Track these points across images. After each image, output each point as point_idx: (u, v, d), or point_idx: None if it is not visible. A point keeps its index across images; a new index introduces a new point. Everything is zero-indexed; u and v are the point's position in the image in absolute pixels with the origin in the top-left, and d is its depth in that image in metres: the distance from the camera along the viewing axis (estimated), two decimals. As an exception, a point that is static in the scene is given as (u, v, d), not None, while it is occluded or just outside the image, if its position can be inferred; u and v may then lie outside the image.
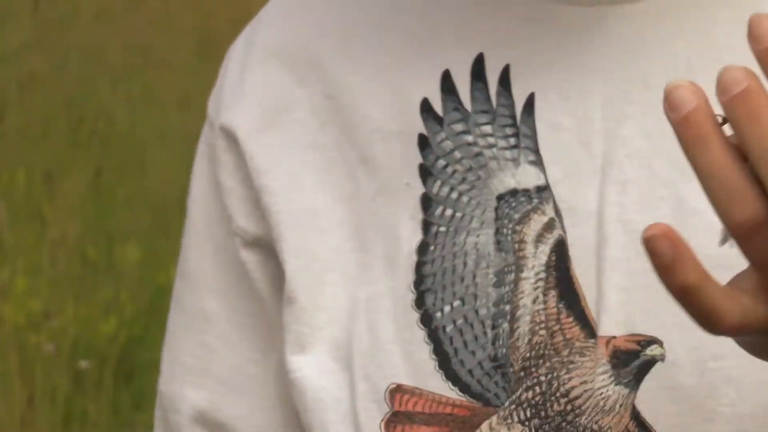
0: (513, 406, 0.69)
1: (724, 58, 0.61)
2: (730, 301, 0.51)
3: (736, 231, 0.51)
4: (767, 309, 0.52)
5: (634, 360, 0.67)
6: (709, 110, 0.49)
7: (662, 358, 0.66)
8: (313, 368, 0.71)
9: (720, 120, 0.50)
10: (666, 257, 0.49)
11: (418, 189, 0.70)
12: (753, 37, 0.49)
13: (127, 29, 6.49)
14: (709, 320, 0.50)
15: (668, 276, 0.50)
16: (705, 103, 0.49)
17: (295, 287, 0.71)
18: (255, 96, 0.74)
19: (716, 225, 0.61)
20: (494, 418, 0.69)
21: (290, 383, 0.71)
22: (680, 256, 0.50)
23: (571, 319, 0.68)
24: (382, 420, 0.69)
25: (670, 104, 0.50)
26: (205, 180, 0.76)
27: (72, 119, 5.44)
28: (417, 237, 0.69)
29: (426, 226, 0.69)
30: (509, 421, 0.69)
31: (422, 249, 0.69)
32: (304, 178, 0.73)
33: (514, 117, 0.70)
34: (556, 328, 0.68)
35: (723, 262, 0.62)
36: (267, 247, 0.73)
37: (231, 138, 0.73)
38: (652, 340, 0.66)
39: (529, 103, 0.69)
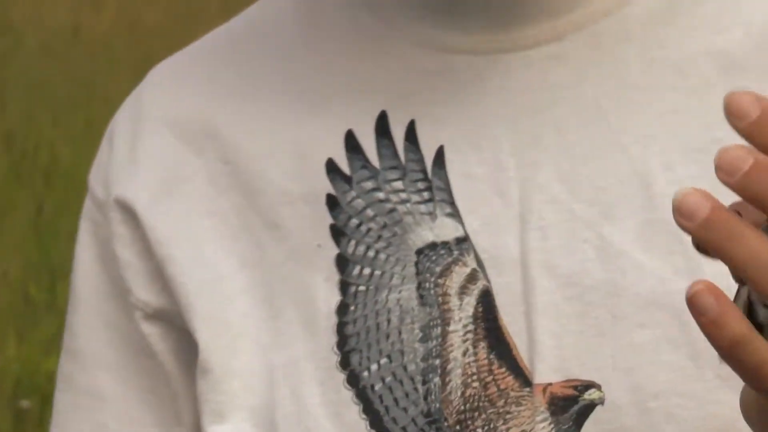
0: None
1: (635, 98, 0.68)
2: None
3: None
4: None
5: (572, 405, 0.67)
6: (723, 205, 0.49)
7: (601, 401, 0.66)
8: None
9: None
10: (713, 312, 0.48)
11: (332, 250, 0.69)
12: (733, 115, 0.49)
13: (70, 63, 6.49)
14: (758, 374, 0.49)
15: (716, 331, 0.48)
16: (717, 201, 0.49)
17: (208, 356, 0.70)
18: (150, 167, 0.73)
19: (644, 264, 0.65)
20: None
21: None
22: (726, 309, 0.49)
23: (503, 370, 0.68)
24: None
25: (685, 215, 0.49)
26: (92, 255, 0.75)
27: (13, 154, 5.41)
28: (335, 298, 0.69)
29: (344, 286, 0.69)
30: None
31: (342, 310, 0.69)
32: (207, 246, 0.72)
33: (425, 171, 0.69)
34: (489, 379, 0.68)
35: (656, 300, 0.66)
36: (169, 318, 0.72)
37: (127, 211, 0.72)
38: (590, 384, 0.66)
39: (439, 156, 0.69)
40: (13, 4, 7.65)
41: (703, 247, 0.48)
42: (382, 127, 0.70)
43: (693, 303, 0.48)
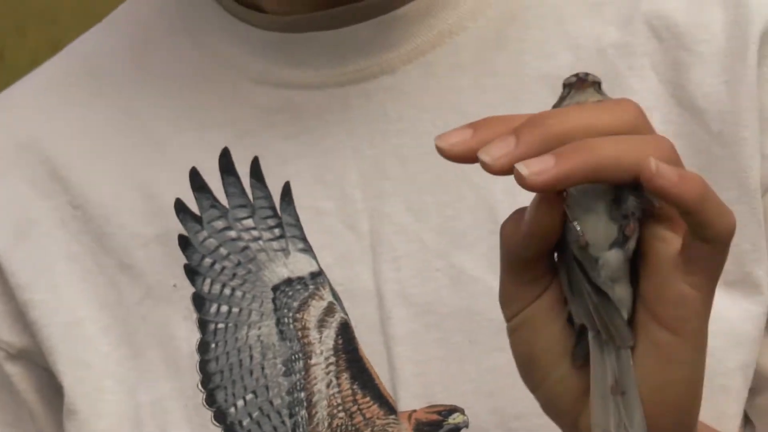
0: None
1: None
2: None
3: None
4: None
5: (438, 430, 0.67)
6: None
7: (466, 424, 0.66)
8: None
9: None
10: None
11: (188, 289, 0.68)
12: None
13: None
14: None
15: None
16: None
17: (74, 399, 0.69)
18: (2, 212, 0.71)
19: (496, 289, 0.62)
20: None
21: None
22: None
23: (368, 399, 0.67)
24: None
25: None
26: None
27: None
28: (195, 336, 0.68)
29: (202, 324, 0.68)
30: None
31: (203, 348, 0.69)
32: (65, 289, 0.70)
33: (273, 208, 0.68)
34: (354, 409, 0.68)
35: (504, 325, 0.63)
36: (33, 358, 0.71)
37: None
38: (453, 409, 0.66)
39: (286, 192, 0.68)
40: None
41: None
42: (226, 164, 0.69)
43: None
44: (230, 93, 0.70)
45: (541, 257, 0.53)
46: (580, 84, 0.53)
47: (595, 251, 0.51)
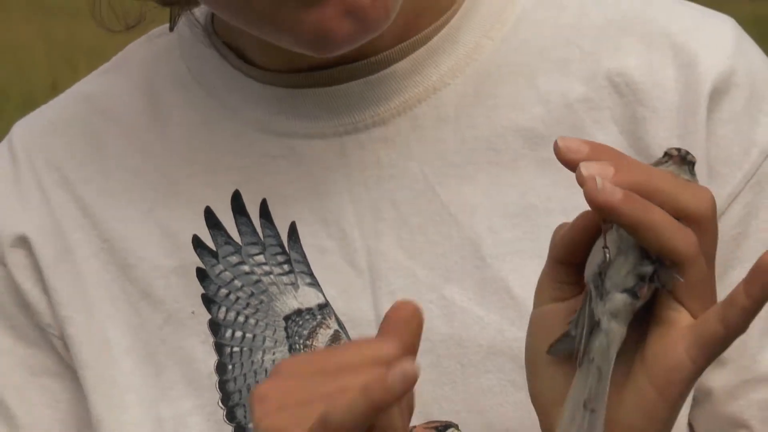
0: None
1: (457, 172, 0.71)
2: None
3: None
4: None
5: None
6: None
7: None
8: None
9: None
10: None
11: (204, 316, 0.71)
12: (567, 153, 0.55)
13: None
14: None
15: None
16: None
17: (99, 411, 0.72)
18: (47, 237, 0.74)
19: (482, 318, 0.68)
20: None
21: None
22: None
23: None
24: None
25: (607, 193, 0.55)
26: None
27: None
28: (213, 358, 0.71)
29: (219, 347, 0.71)
30: None
31: (221, 369, 0.71)
32: (96, 311, 0.74)
33: (282, 245, 0.71)
34: None
35: (497, 348, 0.68)
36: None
37: (31, 259, 0.74)
38: (448, 424, 0.69)
39: (293, 231, 0.71)
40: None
41: (612, 218, 0.55)
42: (238, 205, 0.72)
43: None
44: (237, 140, 0.73)
45: (572, 270, 0.58)
46: (679, 159, 0.58)
47: (609, 285, 0.56)
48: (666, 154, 0.58)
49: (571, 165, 0.56)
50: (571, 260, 0.58)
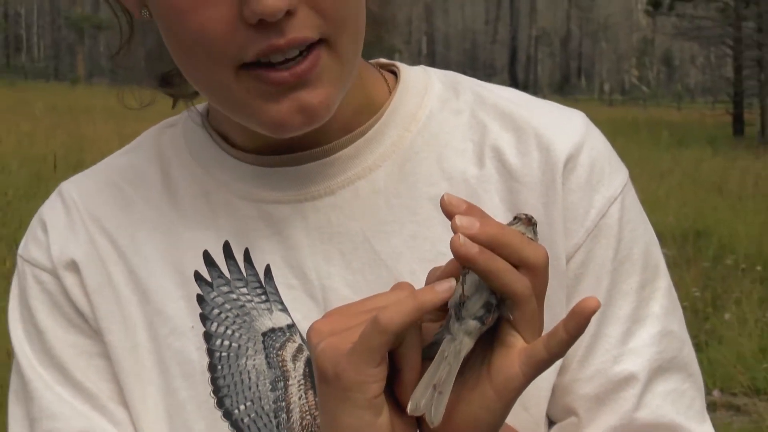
0: None
1: (387, 230, 0.83)
2: None
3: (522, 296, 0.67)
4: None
5: None
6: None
7: None
8: None
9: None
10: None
11: (200, 329, 0.84)
12: (447, 208, 0.68)
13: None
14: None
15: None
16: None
17: (129, 399, 0.85)
18: (94, 264, 0.86)
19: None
20: None
21: None
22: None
23: None
24: None
25: (466, 249, 0.66)
26: (47, 308, 0.86)
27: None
28: (205, 360, 0.83)
29: (210, 352, 0.83)
30: None
31: (212, 368, 0.83)
32: (128, 324, 0.85)
33: (260, 281, 0.84)
34: (317, 413, 0.81)
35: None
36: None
37: (77, 278, 0.85)
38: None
39: (268, 271, 0.84)
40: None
41: (469, 266, 0.66)
42: (228, 252, 0.85)
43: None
44: (227, 205, 0.86)
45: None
46: (526, 221, 0.70)
47: (465, 314, 0.68)
48: (516, 217, 0.70)
49: (450, 216, 0.67)
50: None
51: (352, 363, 0.67)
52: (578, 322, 0.66)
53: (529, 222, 0.70)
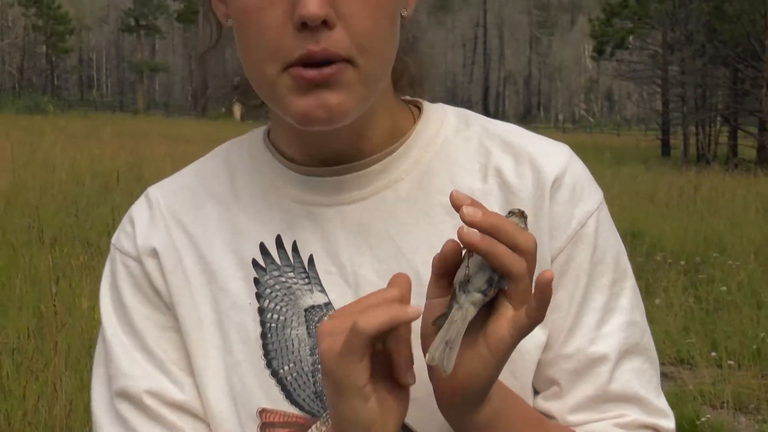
0: (326, 416, 0.82)
1: (407, 229, 0.84)
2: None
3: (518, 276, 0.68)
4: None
5: None
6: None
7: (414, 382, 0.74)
8: (215, 400, 0.84)
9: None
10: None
11: (255, 305, 0.84)
12: (456, 203, 0.70)
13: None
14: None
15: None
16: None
17: (195, 362, 0.85)
18: (170, 249, 0.87)
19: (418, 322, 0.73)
20: (318, 423, 0.82)
21: (207, 406, 0.85)
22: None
23: None
24: (257, 426, 0.83)
25: (469, 229, 0.67)
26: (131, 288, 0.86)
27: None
28: (258, 330, 0.84)
29: (263, 324, 0.84)
30: (327, 423, 0.81)
31: (263, 336, 0.84)
32: (195, 299, 0.86)
33: (304, 268, 0.84)
34: None
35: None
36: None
37: (157, 261, 0.86)
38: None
39: (311, 260, 0.84)
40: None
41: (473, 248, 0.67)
42: (279, 243, 0.85)
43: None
44: (279, 206, 0.86)
45: (444, 281, 0.71)
46: (519, 214, 0.71)
47: (472, 287, 0.69)
48: (510, 211, 0.72)
49: (457, 208, 0.68)
50: (443, 273, 0.71)
51: (340, 361, 0.68)
52: (542, 290, 0.68)
53: (522, 215, 0.71)
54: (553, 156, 0.86)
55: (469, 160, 0.86)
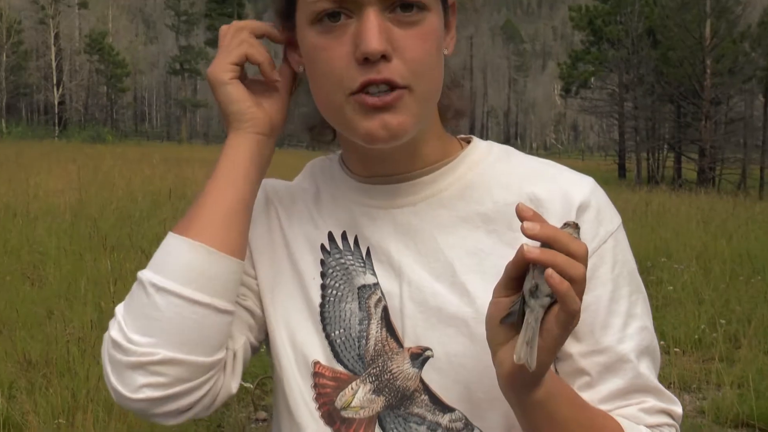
0: (366, 375, 0.83)
1: (447, 232, 0.82)
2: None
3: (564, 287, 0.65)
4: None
5: (419, 357, 0.81)
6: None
7: (432, 355, 0.80)
8: (281, 347, 0.85)
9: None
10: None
11: (318, 281, 0.85)
12: (522, 214, 0.68)
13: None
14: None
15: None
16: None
17: (269, 324, 0.86)
18: (263, 231, 0.88)
19: (451, 300, 0.79)
20: (358, 380, 0.83)
21: (274, 351, 0.86)
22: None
23: (391, 339, 0.82)
24: (310, 374, 0.84)
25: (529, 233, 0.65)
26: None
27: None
28: (319, 300, 0.84)
29: (323, 297, 0.84)
30: (365, 382, 0.83)
31: (322, 306, 0.84)
32: (274, 269, 0.87)
33: (362, 257, 0.84)
34: (385, 343, 0.83)
35: (455, 317, 0.81)
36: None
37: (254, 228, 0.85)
38: (427, 348, 0.81)
39: (368, 252, 0.84)
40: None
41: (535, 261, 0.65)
42: (344, 236, 0.85)
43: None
44: (345, 208, 0.86)
45: (513, 282, 0.68)
46: (573, 226, 0.68)
47: (541, 293, 0.67)
48: (565, 223, 0.68)
49: (522, 218, 0.67)
50: (514, 276, 0.69)
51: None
52: (555, 283, 0.65)
53: (575, 226, 0.68)
54: (581, 185, 0.83)
55: (505, 181, 0.83)
